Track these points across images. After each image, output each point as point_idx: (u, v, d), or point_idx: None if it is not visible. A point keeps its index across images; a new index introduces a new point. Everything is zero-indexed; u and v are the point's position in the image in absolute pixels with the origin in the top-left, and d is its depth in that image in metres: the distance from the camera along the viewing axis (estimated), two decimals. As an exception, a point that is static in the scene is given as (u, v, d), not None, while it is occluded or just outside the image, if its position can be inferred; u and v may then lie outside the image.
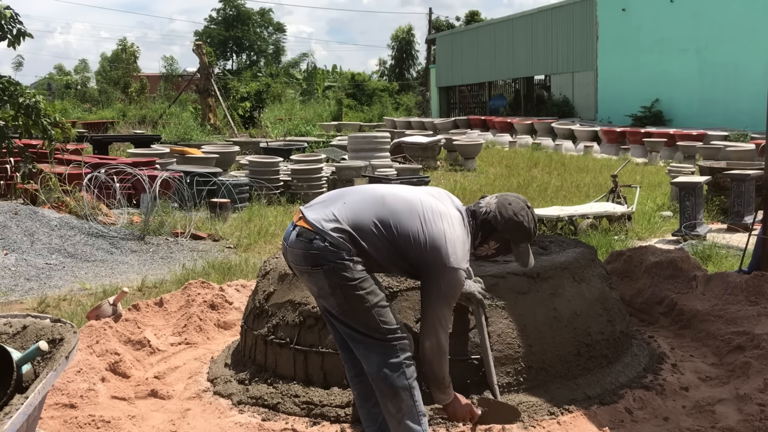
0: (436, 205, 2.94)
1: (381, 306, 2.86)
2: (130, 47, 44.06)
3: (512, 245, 3.04)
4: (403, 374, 2.86)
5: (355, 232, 2.83)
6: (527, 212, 3.01)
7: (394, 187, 3.09)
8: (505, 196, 3.07)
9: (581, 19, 28.47)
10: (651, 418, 3.38)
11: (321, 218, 2.86)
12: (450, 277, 2.84)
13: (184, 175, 10.80)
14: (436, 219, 2.87)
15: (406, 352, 2.89)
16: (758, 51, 20.76)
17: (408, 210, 2.88)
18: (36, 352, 2.51)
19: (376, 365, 2.86)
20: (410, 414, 2.87)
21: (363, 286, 2.82)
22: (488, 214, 2.99)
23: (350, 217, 2.86)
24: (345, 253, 2.80)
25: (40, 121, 8.84)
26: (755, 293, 4.67)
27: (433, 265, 2.84)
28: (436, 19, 47.64)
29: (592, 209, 9.14)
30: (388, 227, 2.85)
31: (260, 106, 29.25)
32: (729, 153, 15.03)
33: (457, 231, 2.89)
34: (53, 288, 6.69)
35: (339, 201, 2.95)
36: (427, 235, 2.83)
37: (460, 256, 2.85)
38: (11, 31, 8.81)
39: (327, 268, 2.80)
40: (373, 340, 2.86)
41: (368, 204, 2.92)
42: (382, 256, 2.88)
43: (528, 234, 3.01)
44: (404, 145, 17.21)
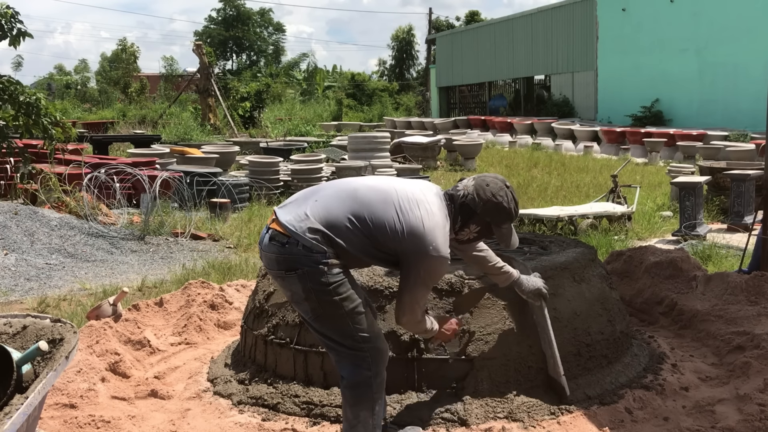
0: (412, 192, 2.85)
1: (357, 312, 2.79)
2: (130, 47, 44.09)
3: (494, 227, 2.94)
4: (370, 388, 2.83)
5: (330, 231, 2.75)
6: (506, 192, 2.91)
7: (368, 179, 3.02)
8: (483, 177, 2.97)
9: (581, 19, 28.48)
10: (651, 418, 3.38)
11: (293, 220, 2.78)
12: (430, 263, 2.75)
13: (184, 175, 10.80)
14: (412, 207, 2.78)
15: (378, 363, 2.84)
16: (758, 51, 20.76)
17: (382, 200, 2.79)
18: (36, 352, 2.51)
19: (347, 373, 2.84)
20: (365, 424, 2.85)
21: (338, 291, 2.75)
22: (466, 197, 2.89)
23: (323, 215, 2.78)
24: (320, 256, 2.72)
25: (41, 120, 8.84)
26: (755, 293, 4.67)
27: (413, 253, 2.75)
28: (436, 19, 47.69)
29: (592, 209, 9.14)
30: (363, 220, 2.76)
31: (260, 106, 29.24)
32: (729, 153, 15.02)
33: (436, 217, 2.79)
34: (53, 288, 6.68)
35: (311, 199, 2.87)
36: (404, 224, 2.74)
37: (441, 242, 2.76)
38: (11, 31, 8.81)
39: (301, 273, 2.74)
40: (346, 348, 2.81)
41: (341, 199, 2.82)
42: (359, 251, 2.79)
43: (509, 214, 2.92)
44: (404, 145, 17.21)
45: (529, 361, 3.49)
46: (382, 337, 2.91)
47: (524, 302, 3.60)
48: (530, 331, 3.54)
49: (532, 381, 3.49)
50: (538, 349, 3.52)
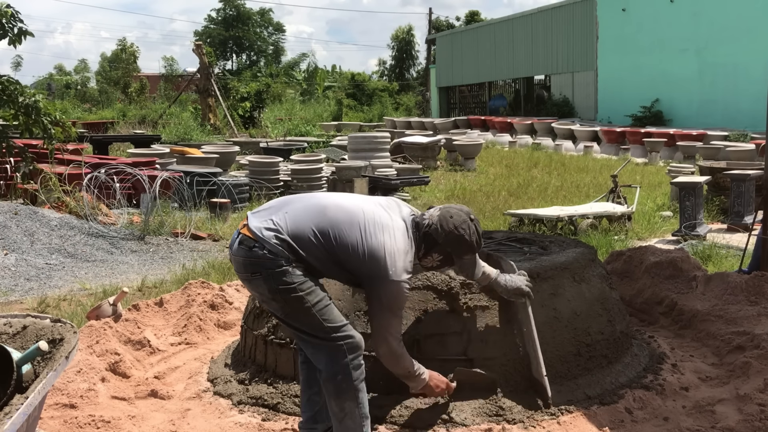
0: (379, 216, 2.93)
1: (322, 305, 2.87)
2: (129, 47, 44.09)
3: (455, 258, 3.03)
4: (349, 376, 2.87)
5: (294, 242, 2.84)
6: (469, 225, 2.99)
7: (339, 197, 3.11)
8: (448, 209, 3.04)
9: (581, 19, 28.48)
10: (651, 418, 3.38)
11: (262, 226, 2.87)
12: (390, 288, 2.84)
13: (184, 175, 10.80)
14: (377, 231, 2.87)
15: (354, 352, 2.89)
16: (758, 51, 20.76)
17: (348, 221, 2.88)
18: (36, 352, 2.51)
19: (324, 364, 2.89)
20: (352, 415, 2.89)
21: (302, 288, 2.83)
22: (430, 227, 2.98)
23: (290, 226, 2.87)
24: (284, 260, 2.82)
25: (41, 119, 8.84)
26: (755, 293, 4.67)
27: (373, 276, 2.85)
28: (436, 19, 47.70)
29: (592, 209, 9.14)
30: (328, 238, 2.86)
31: (260, 106, 29.24)
32: (729, 153, 15.03)
33: (399, 243, 2.88)
34: (53, 288, 6.68)
35: (282, 209, 2.96)
36: (367, 247, 2.84)
37: (400, 268, 2.85)
38: (12, 30, 8.81)
39: (265, 275, 2.83)
40: (319, 340, 2.88)
41: (309, 214, 2.92)
42: (322, 265, 2.90)
43: (470, 247, 3.01)
44: (404, 145, 17.21)
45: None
46: (352, 327, 2.97)
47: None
48: (530, 331, 3.54)
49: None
50: (538, 349, 3.52)
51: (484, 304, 3.52)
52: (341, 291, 3.63)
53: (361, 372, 2.92)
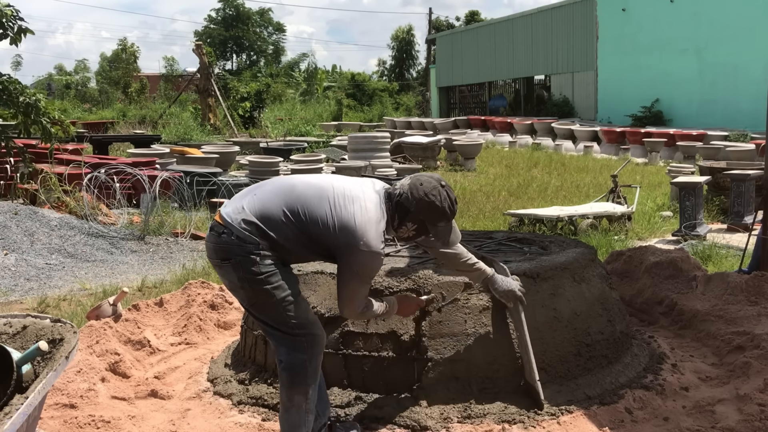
0: (350, 189, 2.93)
1: (289, 300, 2.88)
2: (130, 47, 44.08)
3: (429, 225, 3.00)
4: (305, 371, 2.92)
5: (263, 224, 2.85)
6: (440, 191, 2.97)
7: (309, 176, 3.13)
8: (418, 176, 3.03)
9: (581, 19, 28.48)
10: (651, 418, 3.38)
11: (231, 212, 2.90)
12: (361, 258, 2.83)
13: (184, 175, 10.80)
14: (346, 203, 2.87)
15: (313, 349, 2.93)
16: (758, 51, 20.76)
17: (318, 196, 2.89)
18: (36, 352, 2.51)
19: (283, 356, 2.94)
20: (298, 408, 2.94)
21: (270, 281, 2.85)
22: (401, 196, 2.96)
23: (258, 208, 2.88)
24: (252, 246, 2.83)
25: (40, 119, 8.84)
26: (755, 293, 4.67)
27: (345, 246, 2.83)
28: (436, 19, 47.71)
29: (592, 209, 9.14)
30: (297, 214, 2.86)
31: (260, 106, 29.25)
32: (729, 153, 15.03)
33: (370, 213, 2.87)
34: (53, 288, 6.68)
35: (252, 193, 2.99)
36: (336, 219, 2.83)
37: (372, 237, 2.83)
38: (12, 29, 8.81)
39: (234, 262, 2.85)
40: (282, 333, 2.92)
41: (277, 194, 2.93)
42: (294, 245, 2.89)
43: (442, 213, 2.98)
44: (404, 145, 17.21)
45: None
46: (317, 325, 2.99)
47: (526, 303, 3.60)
48: (530, 330, 3.53)
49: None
50: (538, 348, 3.51)
51: (484, 304, 3.52)
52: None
53: (316, 369, 2.96)
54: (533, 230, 8.27)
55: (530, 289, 3.64)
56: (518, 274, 3.66)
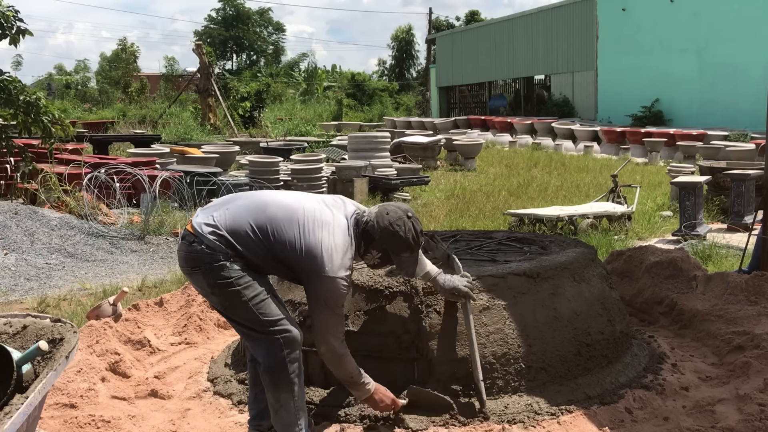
0: (320, 213, 2.97)
1: (259, 299, 2.91)
2: (129, 47, 44.07)
3: (392, 255, 3.04)
4: (285, 369, 2.94)
5: (232, 237, 2.90)
6: (404, 222, 2.99)
7: (282, 194, 3.15)
8: (385, 206, 3.07)
9: (581, 19, 28.48)
10: (651, 418, 3.38)
11: (202, 222, 2.95)
12: (326, 285, 2.87)
13: (184, 175, 10.80)
14: (315, 228, 2.91)
15: (290, 346, 2.95)
16: (758, 51, 20.76)
17: (288, 218, 2.92)
18: (36, 351, 2.51)
19: (262, 357, 2.96)
20: (287, 407, 2.96)
21: (239, 282, 2.89)
22: (368, 224, 3.00)
23: (228, 222, 2.93)
24: (222, 255, 2.88)
25: (40, 118, 8.83)
26: (755, 293, 4.67)
27: (310, 272, 2.88)
28: (436, 19, 47.72)
29: (592, 209, 9.14)
30: (266, 234, 2.90)
31: (260, 106, 29.24)
32: (729, 153, 15.03)
33: (337, 240, 2.91)
34: (53, 288, 6.68)
35: (225, 206, 3.03)
36: (304, 244, 2.88)
37: (337, 265, 2.87)
38: (12, 29, 8.80)
39: (203, 270, 2.90)
40: (257, 333, 2.95)
41: (249, 210, 2.97)
42: (261, 261, 2.94)
43: (405, 244, 3.00)
44: (404, 145, 17.21)
45: (529, 361, 3.49)
46: (292, 322, 3.01)
47: (523, 302, 3.60)
48: (530, 330, 3.54)
49: (532, 381, 3.49)
50: (538, 348, 3.53)
51: (485, 305, 3.52)
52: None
53: (298, 366, 2.98)
54: (533, 230, 8.27)
55: (530, 289, 3.65)
56: (518, 274, 3.67)
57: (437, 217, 9.97)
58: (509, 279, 3.63)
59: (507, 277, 3.64)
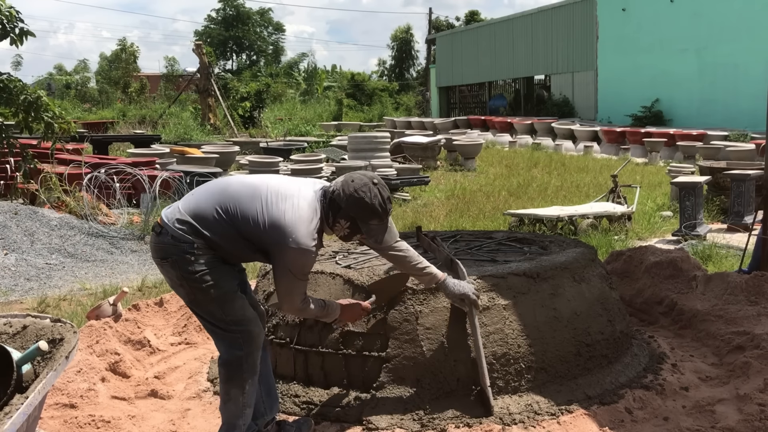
0: (285, 188, 2.97)
1: (224, 298, 2.94)
2: (129, 47, 44.08)
3: (360, 223, 3.00)
4: (240, 367, 3.00)
5: (197, 223, 2.90)
6: (370, 188, 2.96)
7: (247, 176, 3.16)
8: (351, 174, 3.04)
9: (581, 19, 28.47)
10: (651, 418, 3.38)
11: (169, 212, 2.99)
12: (291, 255, 2.86)
13: (184, 175, 10.80)
14: (278, 201, 2.90)
15: (249, 346, 3.00)
16: (758, 51, 20.75)
17: (250, 195, 2.93)
18: (36, 352, 2.51)
19: (221, 351, 3.03)
20: (235, 401, 3.02)
21: (205, 279, 2.90)
22: (333, 192, 2.99)
23: (192, 208, 2.95)
24: (187, 246, 2.89)
25: (41, 116, 8.82)
26: (755, 293, 4.67)
27: (275, 244, 2.87)
28: (436, 19, 47.70)
29: (592, 209, 9.14)
30: (229, 213, 2.91)
31: (260, 106, 29.24)
32: (729, 153, 15.02)
33: (302, 211, 2.89)
34: (53, 288, 6.69)
35: (190, 194, 3.09)
36: (267, 217, 2.87)
37: (302, 234, 2.85)
38: (14, 30, 8.80)
39: (172, 261, 2.92)
40: (220, 329, 3.00)
41: (212, 193, 3.00)
42: (229, 244, 2.93)
43: (372, 211, 2.96)
44: (404, 145, 17.20)
45: (528, 361, 3.49)
46: (254, 322, 3.03)
47: (523, 302, 3.60)
48: (530, 330, 3.54)
49: (532, 381, 3.49)
50: (538, 348, 3.53)
51: (485, 305, 3.52)
52: (341, 292, 3.63)
53: (253, 365, 3.02)
54: (533, 230, 8.27)
55: (530, 289, 3.65)
56: (518, 274, 3.67)
57: (437, 217, 9.97)
58: (509, 279, 3.63)
59: (507, 277, 3.64)
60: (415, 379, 3.43)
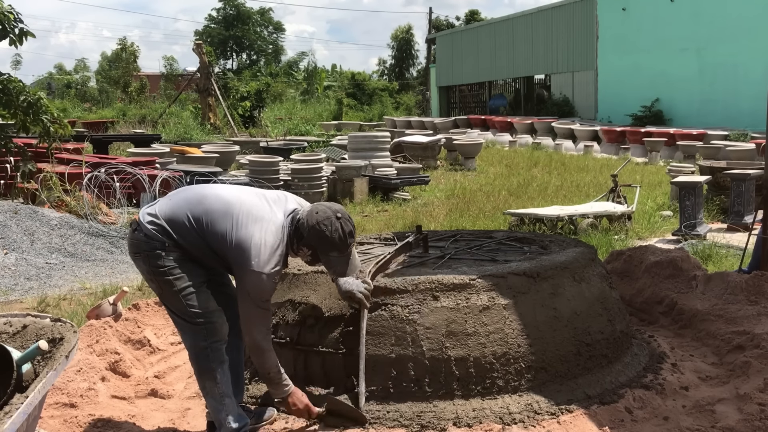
0: (257, 209, 3.07)
1: (189, 291, 3.06)
2: (130, 47, 44.09)
3: (320, 254, 3.12)
4: (207, 357, 3.10)
5: (169, 226, 3.05)
6: (332, 222, 3.06)
7: (223, 188, 3.25)
8: (317, 205, 3.17)
9: (581, 19, 28.47)
10: (651, 417, 3.38)
11: (146, 211, 3.14)
12: (252, 279, 2.96)
13: (184, 175, 10.80)
14: (248, 222, 3.00)
15: (212, 337, 3.09)
16: (758, 51, 20.75)
17: (223, 211, 3.04)
18: (36, 351, 2.51)
19: (188, 345, 3.16)
20: (212, 393, 3.14)
21: (172, 273, 3.04)
22: (299, 221, 3.10)
23: (167, 212, 3.09)
24: (158, 244, 3.04)
25: (40, 118, 8.82)
26: (755, 293, 4.66)
27: (238, 265, 2.99)
28: (436, 18, 47.71)
29: (592, 209, 9.14)
30: (200, 224, 3.04)
31: (260, 106, 29.25)
32: (729, 153, 15.01)
33: (268, 236, 3.00)
34: (53, 287, 6.68)
35: (169, 197, 3.22)
36: (235, 238, 2.98)
37: (264, 260, 2.95)
38: (13, 31, 8.80)
39: (143, 256, 3.07)
40: (185, 322, 3.11)
41: (188, 201, 3.12)
42: (197, 251, 3.07)
43: (331, 244, 3.08)
44: (404, 144, 17.20)
45: (528, 361, 3.49)
46: (217, 314, 3.12)
47: (523, 302, 3.60)
48: (530, 330, 3.54)
49: (532, 380, 3.49)
50: (538, 348, 3.52)
51: (485, 305, 3.52)
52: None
53: (219, 356, 3.12)
54: (533, 230, 8.27)
55: (530, 288, 3.65)
56: (518, 273, 3.67)
57: (437, 216, 9.97)
58: (509, 279, 3.63)
59: (507, 277, 3.64)
60: (415, 379, 3.43)
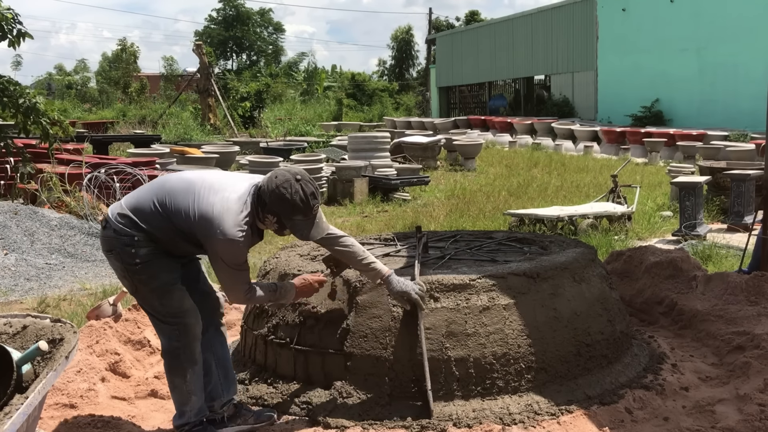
0: (219, 182, 3.06)
1: (162, 290, 3.06)
2: (130, 47, 44.10)
3: (284, 219, 3.05)
4: (178, 357, 3.13)
5: (135, 215, 3.03)
6: (291, 185, 3.00)
7: (188, 172, 3.25)
8: (277, 170, 3.11)
9: (581, 19, 28.47)
10: (651, 418, 3.38)
11: (113, 207, 3.14)
12: (220, 246, 2.95)
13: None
14: (210, 194, 2.99)
15: (185, 337, 3.12)
16: (758, 51, 20.75)
17: (185, 189, 3.04)
18: (36, 352, 2.51)
19: (163, 342, 3.19)
20: (179, 390, 3.18)
21: (145, 271, 3.03)
22: (260, 188, 3.06)
23: (132, 202, 3.09)
24: (128, 239, 3.02)
25: (39, 120, 8.82)
26: (755, 293, 4.66)
27: (205, 237, 2.97)
28: (436, 19, 47.71)
29: (592, 209, 9.14)
30: (164, 206, 3.02)
31: (260, 106, 29.23)
32: (729, 153, 15.01)
33: (230, 203, 2.97)
34: (53, 288, 6.68)
35: (135, 191, 3.22)
36: (197, 210, 2.97)
37: (229, 226, 2.92)
38: (11, 32, 8.79)
39: (115, 253, 3.06)
40: (158, 320, 3.14)
41: (152, 188, 3.14)
42: (165, 236, 3.05)
43: (293, 207, 3.01)
44: (404, 145, 17.20)
45: (528, 361, 3.49)
46: (191, 314, 3.14)
47: (523, 302, 3.60)
48: (530, 330, 3.54)
49: (532, 381, 3.49)
50: (538, 348, 3.52)
51: (485, 305, 3.52)
52: (338, 288, 3.62)
53: (192, 356, 3.14)
54: (533, 230, 8.27)
55: (530, 289, 3.65)
56: (518, 274, 3.67)
57: (437, 217, 9.97)
58: (509, 279, 3.63)
59: (507, 277, 3.64)
60: (415, 379, 3.42)
